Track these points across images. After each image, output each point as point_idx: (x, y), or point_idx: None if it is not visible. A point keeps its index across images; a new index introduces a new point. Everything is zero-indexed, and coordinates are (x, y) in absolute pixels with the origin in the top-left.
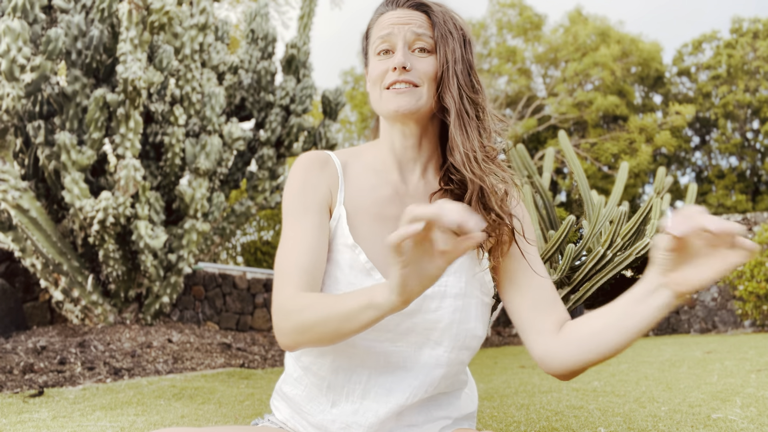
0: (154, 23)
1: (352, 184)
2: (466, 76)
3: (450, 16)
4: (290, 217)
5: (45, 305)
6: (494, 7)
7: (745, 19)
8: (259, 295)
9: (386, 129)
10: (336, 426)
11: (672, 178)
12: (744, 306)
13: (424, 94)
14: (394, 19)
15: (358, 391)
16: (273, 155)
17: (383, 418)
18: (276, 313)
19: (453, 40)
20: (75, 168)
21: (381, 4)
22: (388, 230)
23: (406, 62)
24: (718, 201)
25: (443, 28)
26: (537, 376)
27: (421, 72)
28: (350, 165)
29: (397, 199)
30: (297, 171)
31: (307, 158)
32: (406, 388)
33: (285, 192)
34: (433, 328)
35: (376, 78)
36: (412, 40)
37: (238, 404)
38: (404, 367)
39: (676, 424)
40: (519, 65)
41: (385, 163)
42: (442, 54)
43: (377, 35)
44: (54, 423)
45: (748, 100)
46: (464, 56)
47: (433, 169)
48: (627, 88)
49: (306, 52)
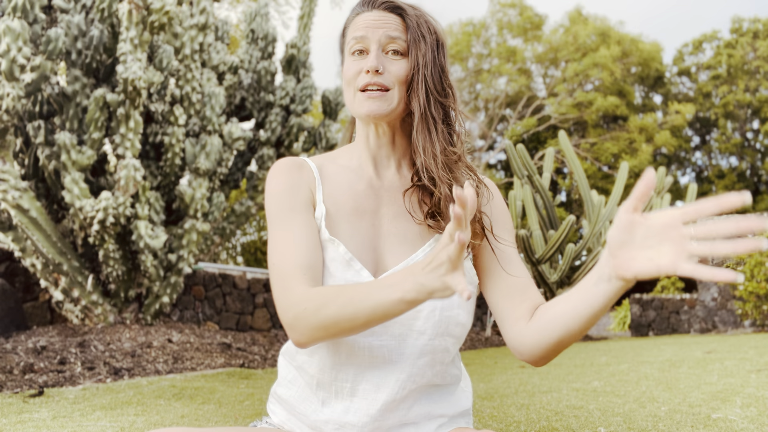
0: (154, 23)
1: (329, 184)
2: (437, 79)
3: (424, 20)
4: (278, 219)
5: (45, 305)
6: (495, 7)
7: (745, 19)
8: (259, 295)
9: (361, 127)
10: (330, 427)
11: (672, 178)
12: (744, 306)
13: (395, 98)
14: (369, 21)
15: (346, 389)
16: (273, 155)
17: (375, 416)
18: (288, 311)
19: (425, 44)
20: (75, 168)
21: (357, 3)
22: (365, 223)
23: (379, 65)
24: None
25: (416, 32)
26: (537, 376)
27: (393, 75)
28: (325, 167)
29: (372, 193)
30: (278, 175)
31: (283, 163)
32: (393, 382)
33: (268, 196)
34: (415, 318)
35: (350, 78)
36: (385, 43)
37: (238, 404)
38: (390, 360)
39: (676, 424)
40: (519, 65)
41: (360, 160)
42: (413, 57)
43: (352, 35)
44: (54, 423)
45: (748, 100)
46: (436, 60)
47: (407, 165)
48: (627, 88)
49: (306, 52)
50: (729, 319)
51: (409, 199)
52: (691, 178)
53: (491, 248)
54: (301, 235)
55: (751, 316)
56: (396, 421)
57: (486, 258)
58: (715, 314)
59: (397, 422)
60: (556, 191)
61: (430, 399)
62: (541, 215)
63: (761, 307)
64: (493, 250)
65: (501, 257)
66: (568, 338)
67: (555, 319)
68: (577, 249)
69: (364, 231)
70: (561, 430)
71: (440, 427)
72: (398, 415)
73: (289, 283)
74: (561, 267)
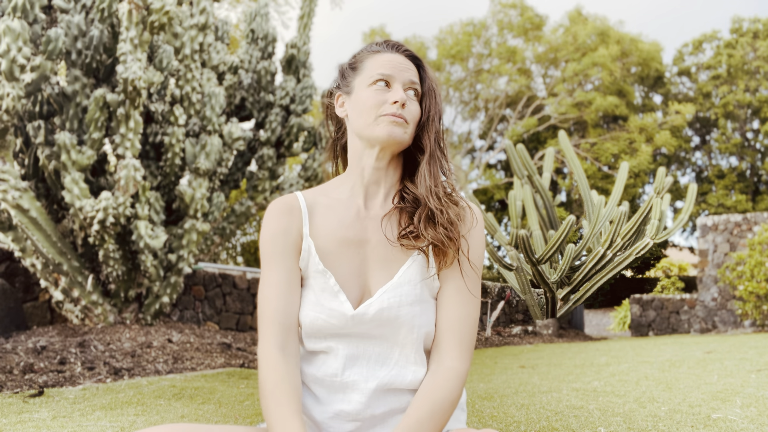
0: (154, 23)
1: (320, 218)
2: (438, 124)
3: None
4: (266, 261)
5: (45, 305)
6: (495, 7)
7: (745, 19)
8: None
9: (358, 154)
10: (326, 416)
11: (672, 178)
12: (744, 306)
13: (409, 131)
14: (395, 63)
15: (336, 383)
16: (273, 155)
17: (367, 403)
18: (258, 355)
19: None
20: (75, 168)
21: (377, 43)
22: (351, 252)
23: (406, 100)
24: (718, 201)
25: (430, 84)
26: (537, 376)
27: (412, 112)
28: (317, 201)
29: (359, 224)
30: (269, 220)
31: (274, 207)
32: (384, 376)
33: (260, 239)
34: (396, 333)
35: (373, 104)
36: (408, 85)
37: (238, 404)
38: (377, 361)
39: (676, 424)
40: (519, 65)
41: (352, 191)
42: (426, 104)
43: (376, 70)
44: (54, 423)
45: (748, 100)
46: (439, 109)
47: (392, 195)
48: (627, 88)
49: (306, 52)
50: (729, 319)
51: (388, 222)
52: (691, 178)
53: (460, 270)
54: (281, 283)
55: (751, 316)
56: (389, 407)
57: (448, 274)
58: (715, 314)
59: (391, 410)
60: (556, 191)
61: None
62: (541, 215)
63: (761, 307)
64: (461, 274)
65: (456, 286)
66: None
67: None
68: (577, 249)
69: (351, 260)
70: (561, 430)
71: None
72: (392, 403)
73: (264, 331)
74: (561, 267)
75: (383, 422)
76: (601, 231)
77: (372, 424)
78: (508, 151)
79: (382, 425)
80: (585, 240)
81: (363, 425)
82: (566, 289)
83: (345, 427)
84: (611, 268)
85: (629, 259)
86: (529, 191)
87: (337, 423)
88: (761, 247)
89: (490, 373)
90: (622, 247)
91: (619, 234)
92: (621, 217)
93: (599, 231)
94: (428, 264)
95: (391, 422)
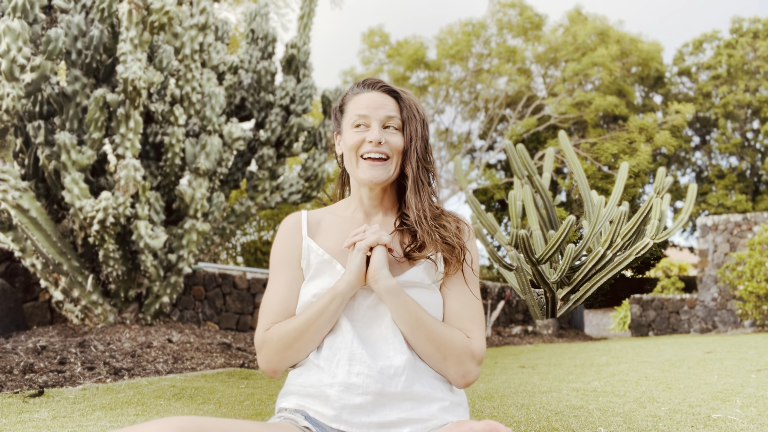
0: (154, 23)
1: (326, 224)
2: (423, 150)
3: (414, 102)
4: (272, 272)
5: (45, 305)
6: (495, 6)
7: (745, 19)
8: (259, 295)
9: (356, 186)
10: (335, 390)
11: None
12: (744, 306)
13: (392, 166)
14: (370, 101)
15: (344, 359)
16: (273, 155)
17: (377, 377)
18: (257, 344)
19: (416, 121)
20: (75, 168)
21: (357, 84)
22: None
23: (381, 138)
24: (718, 201)
25: (409, 112)
26: (537, 376)
27: (392, 145)
28: (324, 216)
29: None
30: (280, 236)
31: (284, 224)
32: (390, 352)
33: (271, 251)
34: None
35: (353, 145)
36: (385, 121)
37: (238, 404)
38: (383, 339)
39: (676, 424)
40: (519, 65)
41: (355, 211)
42: (408, 132)
43: (354, 112)
44: (54, 423)
45: (748, 100)
46: (423, 135)
47: (391, 213)
48: (627, 88)
49: (306, 52)
50: (729, 319)
51: (391, 239)
52: (691, 178)
53: (464, 278)
54: (283, 290)
55: (751, 316)
56: (400, 394)
57: (451, 282)
58: (715, 314)
59: (403, 397)
60: (556, 191)
61: (428, 371)
62: (541, 215)
63: (761, 307)
64: (465, 281)
65: (459, 291)
66: None
67: None
68: (577, 249)
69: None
70: (561, 430)
71: (444, 407)
72: (403, 389)
73: (262, 321)
74: (561, 267)
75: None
76: (601, 231)
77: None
78: (508, 151)
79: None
80: (585, 240)
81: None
82: (566, 289)
83: (355, 400)
84: (611, 268)
85: (629, 259)
86: (529, 191)
87: (346, 395)
88: (761, 247)
89: (490, 373)
90: (622, 247)
91: (619, 234)
92: (621, 217)
93: (599, 231)
94: (436, 268)
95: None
